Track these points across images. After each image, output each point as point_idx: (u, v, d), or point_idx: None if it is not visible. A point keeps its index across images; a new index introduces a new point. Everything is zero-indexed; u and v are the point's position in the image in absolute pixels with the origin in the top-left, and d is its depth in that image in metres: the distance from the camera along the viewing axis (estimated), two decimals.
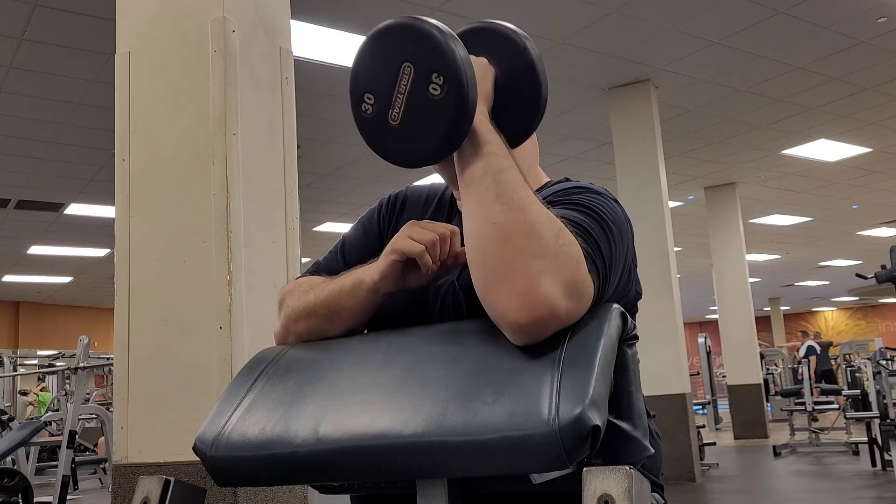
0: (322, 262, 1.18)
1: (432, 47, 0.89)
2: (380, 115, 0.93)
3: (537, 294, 0.80)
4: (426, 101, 0.90)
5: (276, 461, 0.84)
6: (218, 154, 2.15)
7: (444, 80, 0.88)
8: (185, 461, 2.00)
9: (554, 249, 0.82)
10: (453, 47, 0.89)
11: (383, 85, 0.92)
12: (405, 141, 0.93)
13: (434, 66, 0.89)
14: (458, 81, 0.88)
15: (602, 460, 0.81)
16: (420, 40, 0.90)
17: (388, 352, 0.93)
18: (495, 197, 0.87)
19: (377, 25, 0.94)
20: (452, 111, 0.89)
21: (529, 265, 0.81)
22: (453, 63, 0.89)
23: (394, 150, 0.94)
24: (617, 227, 0.96)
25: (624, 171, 6.89)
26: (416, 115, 0.91)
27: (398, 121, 0.92)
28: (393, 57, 0.91)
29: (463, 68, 0.89)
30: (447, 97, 0.88)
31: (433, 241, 0.95)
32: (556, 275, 0.81)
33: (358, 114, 0.95)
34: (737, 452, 9.22)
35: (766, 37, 5.72)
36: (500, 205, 0.86)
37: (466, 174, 0.91)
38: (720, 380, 14.34)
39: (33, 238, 10.34)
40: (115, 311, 2.24)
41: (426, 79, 0.89)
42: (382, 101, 0.93)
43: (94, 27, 4.83)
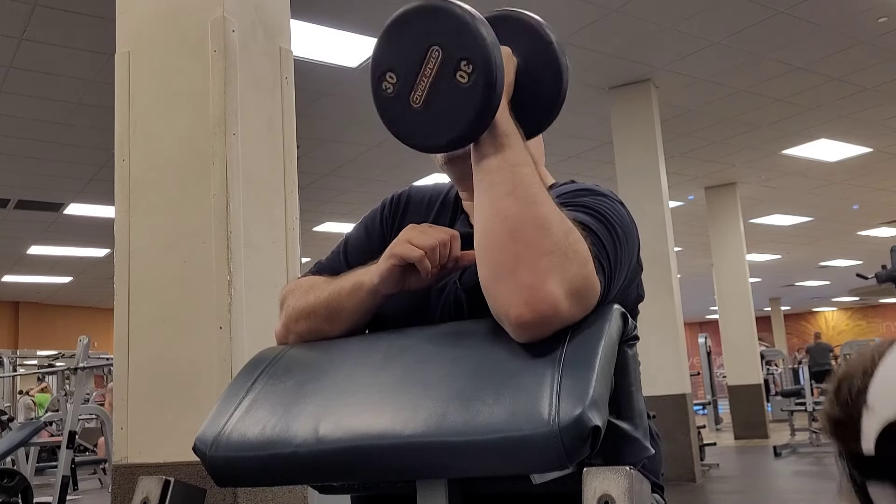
0: (324, 262, 1.18)
1: (464, 33, 0.87)
2: (401, 95, 0.90)
3: (543, 290, 0.80)
4: (452, 88, 0.87)
5: (276, 461, 0.84)
6: (218, 154, 2.15)
7: (474, 69, 0.86)
8: (184, 461, 1.99)
9: (563, 247, 0.82)
10: (486, 36, 0.87)
11: (408, 65, 0.90)
12: (425, 125, 0.90)
13: (464, 53, 0.87)
14: (487, 72, 0.86)
15: (602, 461, 0.81)
16: (452, 25, 0.87)
17: (388, 352, 0.93)
18: (510, 190, 0.86)
19: (408, 4, 0.92)
20: (479, 101, 0.87)
21: (538, 261, 0.81)
22: (485, 53, 0.86)
23: (412, 132, 0.91)
24: (623, 229, 0.96)
25: (624, 171, 6.89)
26: (440, 100, 0.88)
27: (420, 103, 0.89)
28: (421, 38, 0.89)
29: (494, 59, 0.87)
30: (475, 86, 0.86)
31: (433, 245, 0.95)
32: (564, 273, 0.81)
33: (378, 91, 0.92)
34: (737, 453, 9.22)
35: (766, 37, 5.72)
36: (513, 198, 0.85)
37: (483, 164, 0.90)
38: (720, 380, 14.35)
39: (33, 238, 10.34)
40: (115, 311, 2.24)
41: (454, 65, 0.87)
42: (405, 82, 0.90)
43: (94, 27, 4.83)
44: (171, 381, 2.11)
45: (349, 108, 6.38)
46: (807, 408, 9.31)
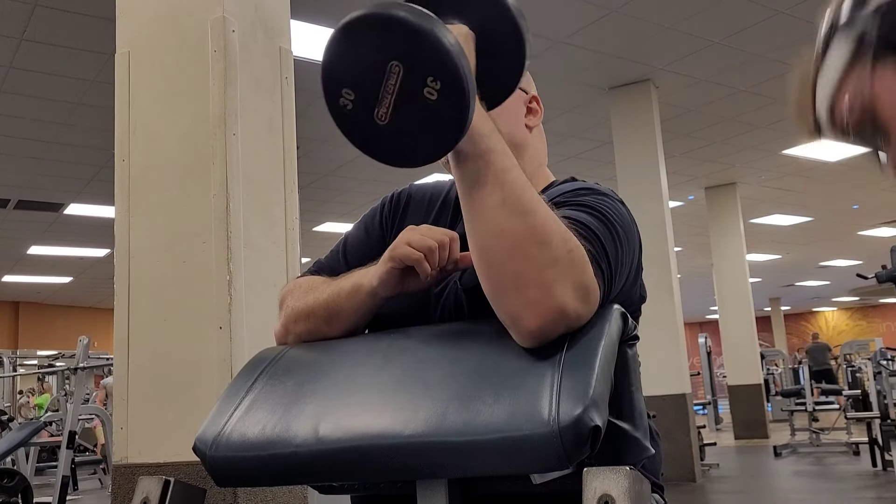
0: (323, 262, 1.18)
1: (425, 48, 0.78)
2: (363, 111, 0.82)
3: (550, 302, 0.80)
4: (420, 104, 0.79)
5: (276, 461, 0.84)
6: (218, 154, 2.15)
7: (442, 85, 0.78)
8: (184, 461, 1.99)
9: (563, 256, 0.81)
10: (450, 48, 0.78)
11: (365, 81, 0.81)
12: (394, 142, 0.83)
13: (430, 70, 0.78)
14: (459, 89, 0.78)
15: (602, 461, 0.81)
16: (410, 38, 0.78)
17: (388, 352, 0.93)
18: (501, 202, 0.82)
19: (353, 13, 0.81)
20: (452, 119, 0.80)
21: (542, 274, 0.80)
22: (452, 68, 0.78)
23: (382, 149, 0.84)
24: (623, 229, 0.96)
25: (624, 171, 6.89)
26: (409, 117, 0.80)
27: (386, 120, 0.81)
28: (376, 53, 0.80)
29: (464, 73, 0.78)
30: (445, 102, 0.79)
31: (432, 248, 0.94)
32: (568, 281, 0.81)
33: (335, 108, 0.84)
34: (737, 453, 9.22)
35: (766, 37, 5.71)
36: (506, 210, 0.82)
37: (467, 176, 0.85)
38: (720, 380, 14.34)
39: (33, 238, 10.34)
40: (115, 311, 2.24)
41: (420, 81, 0.79)
42: (366, 99, 0.81)
43: (94, 27, 4.83)
44: (171, 381, 2.11)
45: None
46: (807, 408, 9.31)
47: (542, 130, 1.22)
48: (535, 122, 1.18)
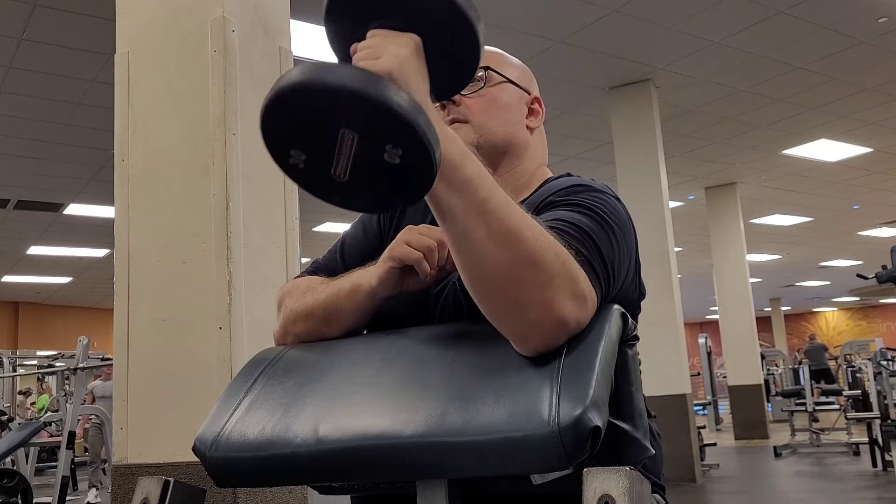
0: (321, 262, 1.18)
1: (378, 118, 0.71)
2: (316, 170, 0.75)
3: (550, 319, 0.80)
4: (382, 166, 0.73)
5: (276, 462, 0.84)
6: (218, 154, 2.14)
7: (404, 151, 0.72)
8: (184, 462, 1.99)
9: (558, 271, 0.80)
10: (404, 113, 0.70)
11: (314, 145, 0.74)
12: (356, 194, 0.77)
13: (386, 138, 0.71)
14: (422, 150, 0.72)
15: (602, 461, 0.81)
16: (357, 108, 0.71)
17: (387, 353, 0.93)
18: (486, 234, 0.78)
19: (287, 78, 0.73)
20: (419, 175, 0.74)
21: (539, 296, 0.79)
22: (413, 134, 0.71)
23: (344, 201, 0.78)
24: (619, 227, 0.95)
25: (624, 171, 6.89)
26: (370, 176, 0.74)
27: (346, 177, 0.74)
28: (322, 121, 0.72)
29: (426, 136, 0.71)
30: (410, 164, 0.72)
31: (431, 247, 0.94)
32: (566, 294, 0.80)
33: (286, 167, 0.77)
34: (737, 453, 9.22)
35: (766, 37, 5.71)
36: (493, 241, 0.78)
37: (446, 212, 0.79)
38: (721, 380, 14.34)
39: (33, 238, 10.34)
40: (115, 312, 2.24)
41: (378, 148, 0.72)
42: (318, 160, 0.74)
43: (94, 27, 4.83)
44: (171, 381, 2.10)
45: None
46: (807, 408, 9.31)
47: (543, 131, 1.21)
48: (537, 124, 1.18)
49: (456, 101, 1.11)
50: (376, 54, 0.79)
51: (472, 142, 1.08)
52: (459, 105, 1.11)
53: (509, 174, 1.12)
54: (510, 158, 1.13)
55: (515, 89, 1.15)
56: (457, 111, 1.11)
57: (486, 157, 1.10)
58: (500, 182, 0.84)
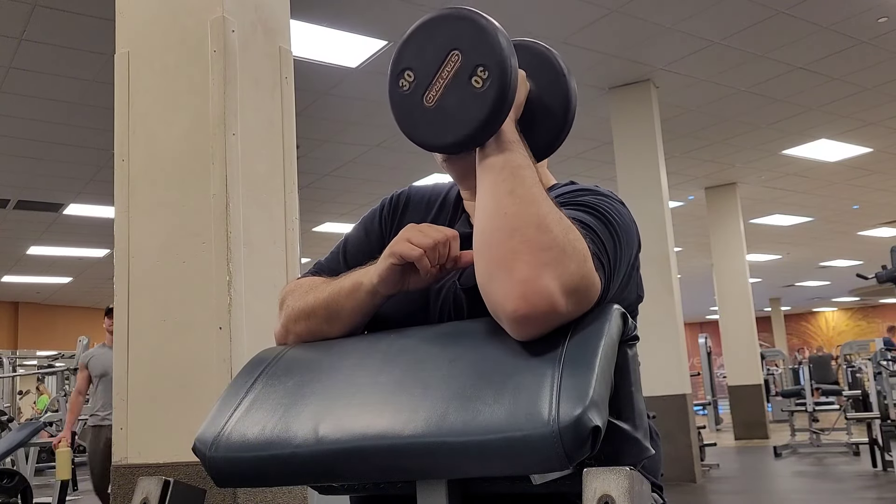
0: (324, 263, 1.18)
1: (484, 41, 0.91)
2: (416, 93, 0.95)
3: (538, 284, 0.80)
4: (466, 91, 0.91)
5: (276, 462, 0.84)
6: (217, 154, 2.15)
7: (489, 76, 0.90)
8: (184, 462, 1.99)
9: (562, 244, 0.83)
10: (504, 46, 0.91)
11: (426, 65, 0.94)
12: (435, 125, 0.94)
13: (482, 60, 0.91)
14: (502, 79, 0.90)
15: (602, 461, 0.81)
16: (475, 32, 0.92)
17: (387, 352, 0.93)
18: (510, 190, 0.88)
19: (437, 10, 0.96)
20: (490, 107, 0.90)
21: (535, 255, 0.81)
22: (501, 61, 0.90)
23: (421, 130, 0.95)
24: (622, 229, 0.96)
25: (624, 171, 6.89)
26: (453, 102, 0.92)
27: (433, 103, 0.93)
28: (443, 41, 0.93)
29: (510, 69, 0.91)
30: (488, 92, 0.90)
31: (432, 245, 0.94)
32: (561, 269, 0.81)
33: (394, 88, 0.97)
34: (737, 453, 9.22)
35: (766, 37, 5.72)
36: (514, 197, 0.87)
37: (486, 163, 0.93)
38: (721, 380, 14.35)
39: (33, 238, 10.34)
40: (115, 311, 2.23)
41: (471, 70, 0.91)
42: (422, 81, 0.94)
43: (94, 27, 4.83)
44: (171, 382, 2.10)
45: (349, 108, 6.38)
46: (807, 408, 9.32)
47: None
48: None
49: None
50: None
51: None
52: None
53: None
54: None
55: None
56: None
57: None
58: None
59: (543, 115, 1.07)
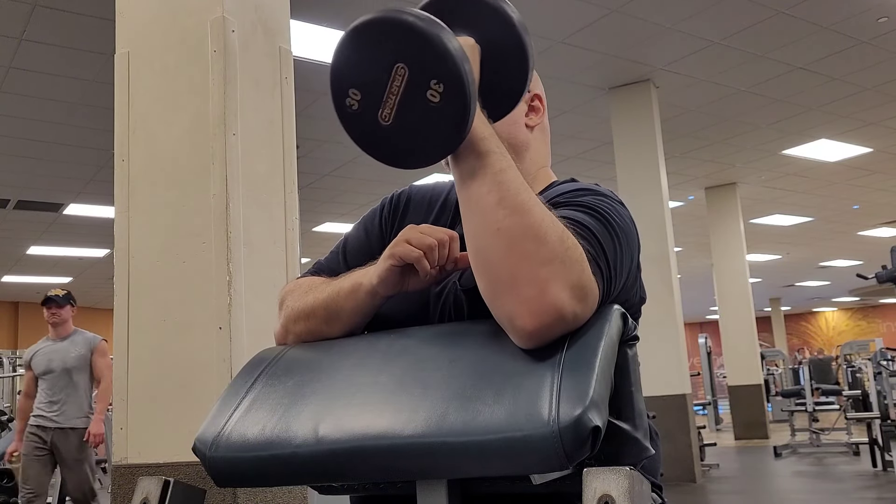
0: (323, 262, 1.17)
1: (431, 52, 0.81)
2: (368, 112, 0.85)
3: (545, 301, 0.80)
4: (423, 106, 0.83)
5: (276, 462, 0.84)
6: (217, 154, 2.15)
7: (445, 89, 0.82)
8: (184, 462, 1.99)
9: (560, 254, 0.81)
10: (454, 54, 0.81)
11: (371, 82, 0.84)
12: (397, 142, 0.86)
13: (434, 73, 0.82)
14: (461, 92, 0.82)
15: (602, 461, 0.81)
16: (416, 42, 0.82)
17: (387, 352, 0.93)
18: (497, 201, 0.83)
19: (363, 17, 0.85)
20: (453, 122, 0.83)
21: (537, 272, 0.80)
22: (456, 73, 0.81)
23: (384, 150, 0.87)
24: (622, 229, 0.95)
25: (624, 171, 6.89)
26: (411, 118, 0.84)
27: (390, 121, 0.85)
28: (383, 55, 0.83)
29: (466, 78, 0.82)
30: (448, 106, 0.82)
31: (431, 246, 0.94)
32: (564, 279, 0.80)
33: (341, 109, 0.87)
34: (737, 453, 9.22)
35: (766, 37, 5.72)
36: (503, 209, 0.83)
37: (465, 176, 0.87)
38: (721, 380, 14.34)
39: (33, 238, 10.34)
40: (115, 312, 2.24)
41: (424, 84, 0.82)
42: (371, 99, 0.85)
43: (94, 27, 4.83)
44: (171, 382, 2.10)
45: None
46: (807, 408, 9.32)
47: (545, 129, 1.20)
48: (537, 121, 1.17)
49: None
50: None
51: None
52: None
53: None
54: None
55: None
56: None
57: None
58: None
59: (501, 72, 0.98)
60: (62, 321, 4.66)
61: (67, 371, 4.54)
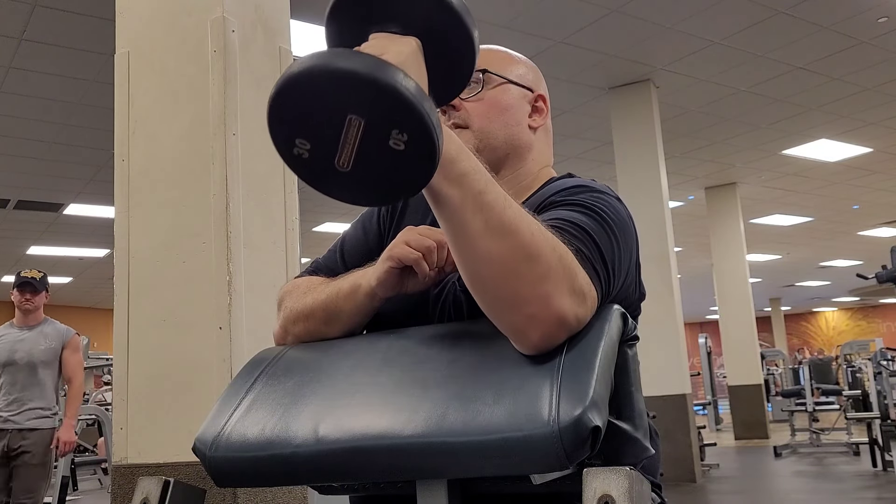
0: (321, 262, 1.17)
1: (388, 102, 0.71)
2: (321, 160, 0.75)
3: (550, 313, 0.79)
4: (386, 152, 0.73)
5: (276, 462, 0.84)
6: (217, 154, 2.15)
7: (410, 138, 0.72)
8: (184, 462, 1.99)
9: (555, 265, 0.80)
10: (413, 100, 0.71)
11: (320, 133, 0.74)
12: (359, 186, 0.77)
13: (394, 123, 0.72)
14: (427, 137, 0.72)
15: (602, 461, 0.81)
16: (366, 93, 0.71)
17: (387, 353, 0.93)
18: (483, 227, 0.79)
19: (298, 65, 0.73)
20: (421, 164, 0.74)
21: (536, 290, 0.79)
22: (420, 121, 0.71)
23: (344, 193, 0.78)
24: (619, 227, 0.95)
25: (624, 171, 6.89)
26: (373, 163, 0.75)
27: (348, 168, 0.75)
28: (330, 107, 0.72)
29: (431, 123, 0.72)
30: (414, 150, 0.73)
31: (430, 248, 0.94)
32: (564, 288, 0.80)
33: (288, 157, 0.76)
34: (737, 453, 9.22)
35: (766, 37, 5.72)
36: (490, 234, 0.79)
37: (442, 205, 0.80)
38: (721, 380, 14.34)
39: (33, 238, 10.34)
40: (115, 312, 2.24)
41: (384, 133, 0.73)
42: (323, 149, 0.75)
43: (94, 27, 4.83)
44: (171, 381, 2.10)
45: None
46: (807, 408, 9.32)
47: (548, 130, 1.19)
48: (541, 122, 1.17)
49: (456, 105, 1.10)
50: (380, 51, 0.78)
51: (473, 147, 1.08)
52: (460, 110, 1.10)
53: (512, 176, 1.11)
54: (513, 160, 1.12)
55: (517, 89, 1.14)
56: (457, 116, 1.10)
57: (487, 160, 1.10)
58: (503, 184, 0.84)
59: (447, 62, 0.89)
60: (36, 308, 4.03)
61: (32, 365, 3.90)
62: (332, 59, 0.72)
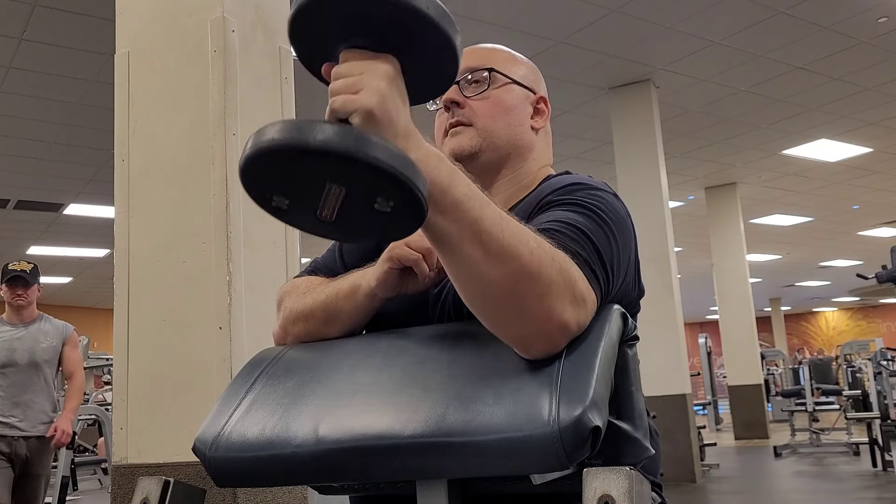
0: (320, 261, 1.17)
1: (369, 175, 0.68)
2: (302, 212, 0.74)
3: (553, 325, 0.79)
4: (372, 213, 0.72)
5: (276, 462, 0.84)
6: (217, 154, 2.14)
7: (395, 202, 0.70)
8: (184, 462, 1.99)
9: (556, 278, 0.79)
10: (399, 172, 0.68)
11: (299, 194, 0.72)
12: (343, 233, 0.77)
13: (378, 191, 0.70)
14: (413, 200, 0.70)
15: (602, 461, 0.81)
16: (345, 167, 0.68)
17: (387, 353, 0.93)
18: (483, 255, 0.77)
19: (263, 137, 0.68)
20: (410, 221, 0.73)
21: (538, 306, 0.79)
22: (404, 187, 0.69)
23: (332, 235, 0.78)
24: (617, 225, 0.95)
25: (624, 172, 6.89)
26: (358, 220, 0.73)
27: (332, 218, 0.73)
28: (308, 177, 0.70)
29: (417, 185, 0.69)
30: (401, 212, 0.71)
31: (430, 249, 0.94)
32: (565, 300, 0.80)
33: (268, 209, 0.75)
34: (737, 453, 9.22)
35: (766, 37, 5.72)
36: (490, 261, 0.77)
37: (440, 240, 0.78)
38: (721, 380, 14.34)
39: (33, 238, 10.34)
40: (115, 312, 2.24)
41: (368, 199, 0.70)
42: (304, 204, 0.73)
43: (94, 27, 4.83)
44: (171, 381, 2.10)
45: None
46: (807, 408, 9.32)
47: (548, 131, 1.20)
48: (542, 123, 1.17)
49: (461, 103, 1.11)
50: (354, 88, 0.73)
51: (476, 146, 1.09)
52: (464, 107, 1.11)
53: (513, 175, 1.12)
54: (514, 160, 1.12)
55: (521, 89, 1.14)
56: (461, 113, 1.11)
57: (489, 160, 1.10)
58: (503, 183, 0.83)
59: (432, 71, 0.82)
60: (29, 303, 3.76)
61: (35, 365, 3.68)
62: (304, 133, 0.67)
